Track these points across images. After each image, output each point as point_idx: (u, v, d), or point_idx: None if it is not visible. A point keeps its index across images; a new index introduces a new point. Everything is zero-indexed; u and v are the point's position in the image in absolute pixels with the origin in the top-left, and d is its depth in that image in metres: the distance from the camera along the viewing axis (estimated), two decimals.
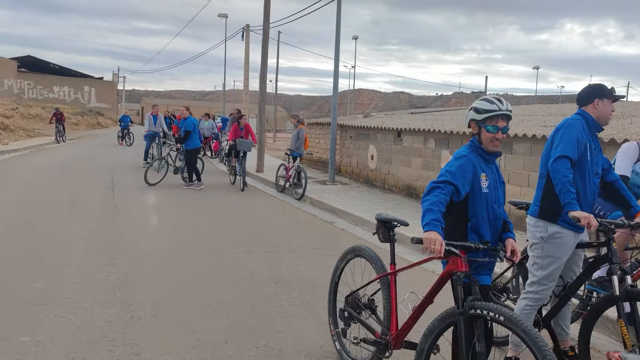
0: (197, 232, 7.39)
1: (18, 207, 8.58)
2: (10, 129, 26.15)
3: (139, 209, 8.90)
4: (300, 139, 12.15)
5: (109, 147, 24.44)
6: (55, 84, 63.29)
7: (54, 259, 5.60)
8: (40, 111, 39.86)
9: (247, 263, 5.90)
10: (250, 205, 10.22)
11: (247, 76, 39.95)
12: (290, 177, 12.06)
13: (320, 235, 7.84)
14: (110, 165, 15.93)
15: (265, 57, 15.37)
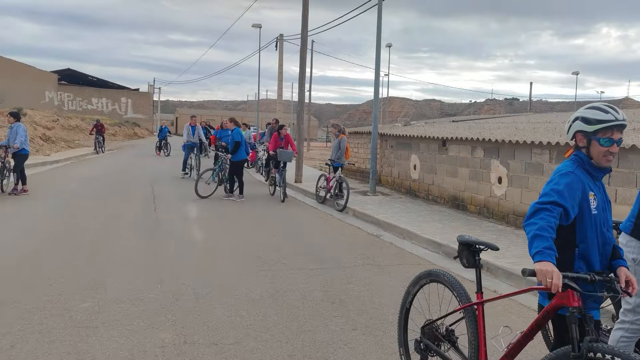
0: (242, 247, 7.16)
1: (61, 221, 8.53)
2: (51, 140, 26.74)
3: (181, 222, 8.74)
4: (342, 148, 11.87)
5: (147, 157, 24.69)
6: (94, 96, 64.92)
7: (101, 276, 5.44)
8: (79, 122, 40.80)
9: (299, 281, 5.61)
10: (292, 217, 9.97)
11: (281, 85, 40.06)
12: (331, 188, 11.79)
13: (367, 249, 7.50)
14: (149, 176, 15.98)
15: (303, 66, 15.19)
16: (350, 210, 10.87)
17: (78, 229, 7.79)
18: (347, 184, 11.25)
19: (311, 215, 10.46)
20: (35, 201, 10.34)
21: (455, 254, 7.42)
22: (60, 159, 20.57)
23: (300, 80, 15.28)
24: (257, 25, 37.91)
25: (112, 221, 8.53)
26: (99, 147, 26.32)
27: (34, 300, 4.63)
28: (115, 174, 16.50)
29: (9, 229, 7.69)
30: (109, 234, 7.54)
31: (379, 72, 13.29)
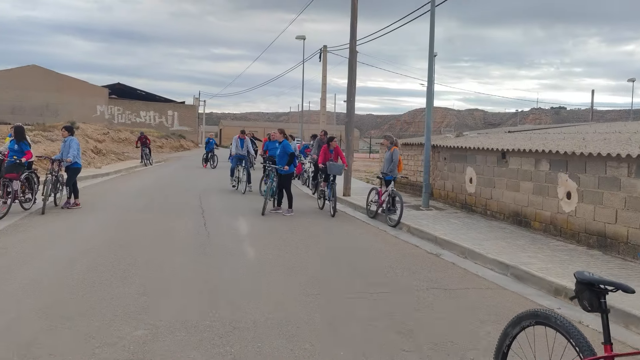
0: (297, 266, 6.81)
1: (113, 237, 8.42)
2: (102, 152, 27.38)
3: (232, 239, 8.48)
4: (394, 161, 11.40)
5: (194, 169, 24.87)
6: (142, 109, 66.71)
7: (153, 299, 5.18)
8: (129, 135, 41.82)
9: (361, 307, 5.19)
10: (345, 233, 9.56)
11: (325, 97, 39.91)
12: (383, 202, 11.33)
13: (429, 271, 7.00)
14: (197, 189, 15.94)
15: (352, 76, 14.85)
16: (404, 226, 10.38)
17: (130, 246, 7.63)
18: (401, 198, 10.77)
19: (364, 231, 10.03)
20: (87, 215, 10.33)
21: (525, 277, 6.84)
22: (110, 172, 20.93)
23: (349, 90, 14.93)
24: (301, 37, 37.96)
25: (163, 237, 8.35)
26: (146, 159, 26.74)
27: (86, 326, 4.39)
28: (164, 186, 16.55)
29: (62, 246, 7.60)
30: (161, 251, 7.33)
31: (432, 80, 12.80)
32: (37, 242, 7.70)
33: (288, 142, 11.99)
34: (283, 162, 11.59)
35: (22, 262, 6.53)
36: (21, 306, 4.86)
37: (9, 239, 7.93)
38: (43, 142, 21.15)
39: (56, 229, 8.86)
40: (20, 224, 9.21)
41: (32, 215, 10.24)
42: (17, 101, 57.59)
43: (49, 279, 5.81)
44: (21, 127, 10.91)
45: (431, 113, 12.93)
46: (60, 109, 57.94)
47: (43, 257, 6.82)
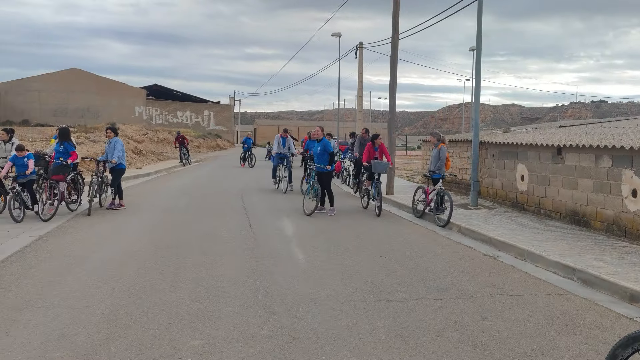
0: (351, 270, 6.51)
1: (159, 239, 8.31)
2: (142, 153, 27.75)
3: (279, 240, 8.25)
4: (442, 158, 10.97)
5: (232, 169, 24.90)
6: (179, 109, 67.66)
7: (206, 305, 4.98)
8: (167, 135, 42.38)
9: (425, 316, 4.86)
10: (393, 234, 9.21)
11: (361, 94, 39.50)
12: (431, 201, 10.92)
13: (489, 274, 6.60)
14: (237, 188, 15.84)
15: (394, 71, 14.45)
16: (454, 226, 9.96)
17: (177, 248, 7.50)
18: (450, 197, 10.35)
19: (412, 231, 9.65)
20: (132, 216, 10.31)
21: (594, 281, 6.37)
22: (151, 172, 21.12)
23: (391, 86, 14.54)
24: (337, 34, 37.62)
25: (209, 238, 8.19)
26: (185, 158, 26.93)
27: (140, 334, 4.22)
28: (204, 186, 16.53)
29: (110, 249, 7.53)
30: (209, 254, 7.16)
31: (479, 74, 12.29)
32: (84, 245, 7.65)
33: (328, 141, 11.71)
34: (323, 160, 11.30)
35: (71, 265, 6.46)
36: (74, 313, 4.73)
37: (57, 240, 7.91)
38: (86, 144, 21.51)
39: (102, 230, 8.83)
40: (67, 226, 9.23)
41: (78, 216, 10.27)
42: (60, 104, 59.31)
43: (99, 283, 5.69)
44: (66, 128, 10.98)
45: (479, 108, 12.43)
46: (101, 110, 59.35)
47: (91, 260, 6.74)
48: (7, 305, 4.91)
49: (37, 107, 58.21)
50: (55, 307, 4.87)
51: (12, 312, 4.71)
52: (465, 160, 14.88)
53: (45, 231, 8.69)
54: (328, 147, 11.33)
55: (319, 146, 11.39)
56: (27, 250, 7.29)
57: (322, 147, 11.32)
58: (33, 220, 9.62)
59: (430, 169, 11.09)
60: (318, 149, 11.36)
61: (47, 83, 59.42)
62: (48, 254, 7.05)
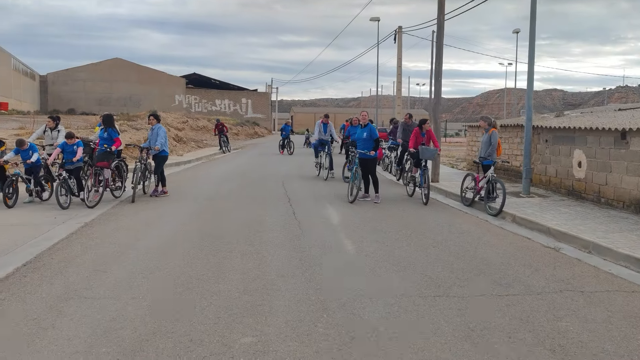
0: (405, 262, 6.15)
1: (204, 227, 8.15)
2: (183, 140, 27.95)
3: (326, 229, 7.95)
4: (493, 144, 10.41)
5: (271, 156, 24.76)
6: (217, 97, 68.23)
7: (257, 299, 4.72)
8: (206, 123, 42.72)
9: (492, 314, 4.47)
10: (444, 223, 8.77)
11: (400, 79, 38.66)
12: (482, 189, 10.40)
13: (553, 268, 6.12)
14: (278, 175, 15.64)
15: (440, 53, 13.86)
16: (507, 215, 9.43)
17: (222, 237, 7.30)
18: (503, 184, 9.81)
19: (463, 220, 9.18)
20: (175, 203, 10.21)
21: None
22: (192, 159, 21.18)
23: (437, 70, 13.96)
24: (375, 18, 36.86)
25: (253, 227, 7.97)
26: (225, 146, 26.95)
27: (189, 329, 4.00)
28: (245, 173, 16.40)
29: (155, 237, 7.40)
30: (254, 244, 6.93)
31: (533, 54, 11.58)
32: (129, 232, 7.55)
33: (372, 127, 11.31)
34: (367, 146, 10.91)
35: (116, 253, 6.33)
36: (120, 305, 4.56)
37: (102, 228, 7.85)
38: (129, 131, 21.73)
39: (147, 217, 8.73)
40: (112, 213, 9.19)
41: (122, 203, 10.25)
42: (104, 93, 60.70)
43: (145, 273, 5.53)
44: (110, 114, 10.96)
45: (532, 90, 11.74)
46: (142, 99, 60.45)
47: (136, 248, 6.60)
48: (53, 295, 4.79)
49: (82, 97, 59.75)
50: (101, 298, 4.72)
51: (58, 303, 4.58)
52: (515, 146, 14.19)
53: (90, 218, 8.66)
54: (374, 133, 10.94)
55: (364, 131, 11.01)
56: (73, 237, 7.23)
57: (369, 133, 10.94)
58: (79, 207, 9.63)
59: (481, 155, 10.54)
60: (364, 134, 10.97)
61: (92, 73, 60.85)
62: (93, 241, 6.97)
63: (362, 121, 11.12)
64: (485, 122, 10.75)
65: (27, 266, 5.77)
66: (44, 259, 6.05)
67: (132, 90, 61.56)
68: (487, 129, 10.63)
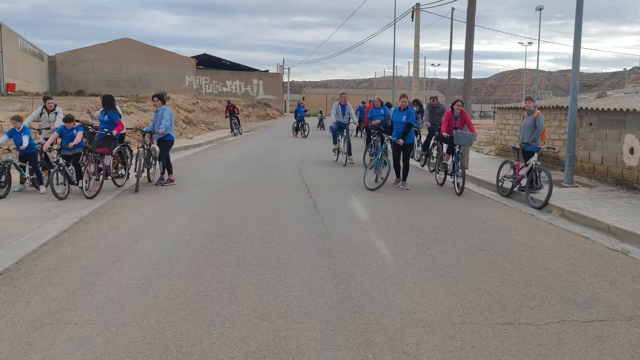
0: (453, 272, 5.14)
1: (212, 225, 7.18)
2: (193, 123, 26.98)
3: (353, 227, 6.93)
4: (538, 128, 9.28)
5: (284, 139, 23.72)
6: (228, 78, 67.09)
7: (278, 330, 3.74)
8: (217, 105, 41.70)
9: (584, 351, 3.45)
10: (485, 219, 7.72)
11: (418, 59, 37.23)
12: (522, 178, 9.33)
13: (632, 280, 5.07)
14: (293, 161, 14.63)
15: (471, 28, 12.64)
16: (554, 209, 8.36)
17: (235, 237, 6.33)
18: (549, 174, 8.73)
19: (506, 215, 8.12)
20: (183, 194, 9.25)
21: None
22: (202, 142, 20.23)
23: (467, 47, 12.76)
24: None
25: (270, 224, 6.97)
26: (236, 128, 25.94)
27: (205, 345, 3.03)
28: (258, 158, 15.41)
29: (158, 237, 6.44)
30: (272, 246, 5.95)
31: (580, 27, 10.36)
32: (129, 231, 6.60)
33: (413, 110, 10.26)
34: (400, 131, 9.95)
35: (110, 259, 5.39)
36: (107, 336, 3.61)
37: (99, 224, 6.91)
38: (136, 113, 20.79)
39: (150, 211, 7.78)
40: (113, 205, 8.26)
41: (125, 193, 9.32)
42: (113, 74, 59.77)
43: (142, 287, 4.57)
44: (110, 95, 9.98)
45: (578, 69, 10.53)
46: (152, 80, 59.44)
47: (135, 252, 5.65)
48: (27, 319, 3.85)
49: (91, 78, 58.90)
50: (85, 323, 3.77)
51: (31, 331, 3.64)
52: (553, 130, 13.02)
53: (87, 211, 7.74)
54: (412, 117, 9.95)
55: (403, 115, 9.98)
56: (65, 236, 6.30)
57: (407, 116, 9.96)
58: (77, 197, 8.73)
59: (523, 141, 9.43)
60: (403, 117, 9.96)
61: (100, 53, 59.87)
62: (87, 242, 6.03)
63: (402, 105, 10.09)
64: (531, 103, 9.56)
65: (3, 275, 4.85)
66: (26, 266, 5.12)
67: (141, 71, 60.56)
68: (532, 111, 9.48)
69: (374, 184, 9.92)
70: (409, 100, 10.48)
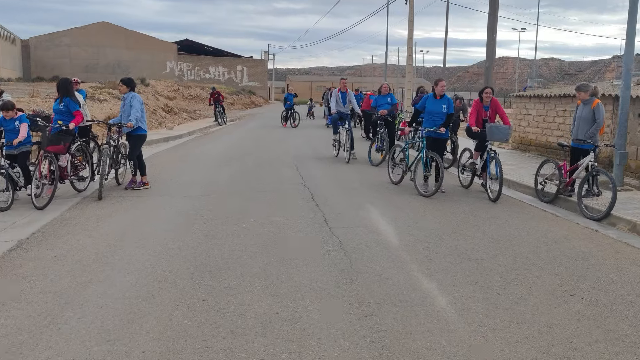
0: (542, 329, 3.48)
1: (196, 254, 5.44)
2: (173, 111, 24.96)
3: (386, 257, 5.21)
4: (598, 122, 7.65)
5: (274, 129, 21.88)
6: (211, 65, 64.77)
7: None
8: (199, 92, 39.62)
9: None
10: (541, 236, 6.07)
11: (412, 44, 35.50)
12: (571, 182, 7.74)
13: None
14: (287, 156, 12.86)
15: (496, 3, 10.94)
16: (618, 222, 6.78)
17: (226, 278, 4.59)
18: (612, 178, 7.15)
19: (566, 231, 6.47)
20: (158, 202, 7.45)
21: None
22: (183, 133, 18.32)
23: (490, 26, 11.08)
24: None
25: (274, 254, 5.23)
26: (220, 117, 24.00)
27: None
28: (247, 152, 13.60)
29: (123, 271, 4.67)
30: (278, 291, 4.23)
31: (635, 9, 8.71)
32: (80, 265, 4.80)
33: (451, 99, 8.62)
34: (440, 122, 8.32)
35: (46, 319, 3.61)
36: None
37: (42, 254, 5.09)
38: (109, 101, 18.74)
39: (114, 230, 5.98)
40: (67, 220, 6.43)
41: (85, 201, 7.48)
42: (90, 59, 57.05)
43: None
44: (65, 78, 8.07)
45: (633, 52, 8.90)
46: (131, 66, 56.84)
47: (81, 305, 3.88)
48: None
49: (67, 63, 56.10)
50: None
51: None
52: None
53: (31, 230, 5.93)
54: (452, 107, 8.32)
55: (442, 103, 8.31)
56: None
57: (448, 107, 8.30)
58: (24, 206, 6.92)
59: (578, 137, 7.79)
60: (443, 106, 8.29)
61: (77, 37, 57.06)
62: (18, 285, 4.24)
63: (439, 92, 8.39)
64: (587, 92, 7.88)
65: None
66: None
67: (120, 57, 57.90)
68: (589, 100, 7.82)
69: (425, 187, 8.26)
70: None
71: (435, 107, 8.28)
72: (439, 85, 8.30)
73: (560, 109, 12.06)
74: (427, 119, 8.42)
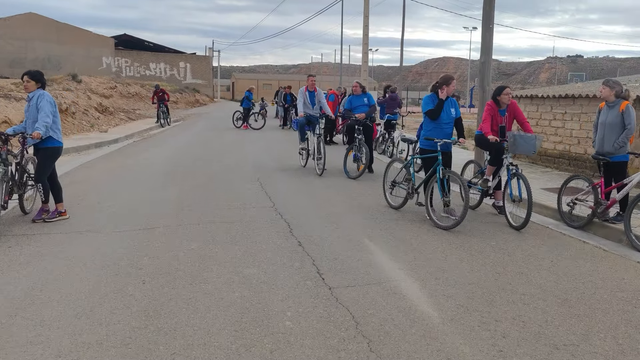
0: None
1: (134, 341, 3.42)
2: (109, 111, 22.22)
3: (423, 342, 3.41)
4: (628, 127, 6.17)
5: (226, 132, 19.67)
6: (152, 61, 61.34)
7: None
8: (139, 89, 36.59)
9: None
10: (601, 283, 4.45)
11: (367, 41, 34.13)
12: (612, 204, 6.25)
13: None
14: (247, 166, 10.85)
15: None
16: None
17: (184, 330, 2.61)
18: None
19: (623, 273, 4.89)
20: (77, 246, 5.30)
21: None
22: (120, 137, 15.87)
23: (485, 17, 9.53)
24: None
25: (254, 346, 3.30)
26: (164, 118, 21.53)
27: None
28: (197, 161, 11.46)
29: None
30: None
31: None
32: None
33: (456, 100, 6.86)
34: (446, 130, 6.61)
35: None
36: None
37: None
38: None
39: (6, 297, 3.85)
40: None
41: None
42: (17, 54, 52.22)
43: None
44: None
45: None
46: (63, 61, 52.52)
47: None
48: None
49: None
50: None
51: None
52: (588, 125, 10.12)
53: None
54: (458, 110, 6.61)
55: (451, 107, 6.57)
56: None
57: (456, 110, 6.59)
58: None
59: (604, 149, 6.28)
60: (452, 111, 6.55)
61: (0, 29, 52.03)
62: None
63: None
64: (612, 90, 6.39)
65: None
66: None
67: (50, 51, 53.34)
68: (616, 103, 6.34)
69: (444, 217, 6.45)
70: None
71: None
72: (451, 85, 6.52)
73: (559, 112, 10.69)
74: (433, 127, 6.64)
